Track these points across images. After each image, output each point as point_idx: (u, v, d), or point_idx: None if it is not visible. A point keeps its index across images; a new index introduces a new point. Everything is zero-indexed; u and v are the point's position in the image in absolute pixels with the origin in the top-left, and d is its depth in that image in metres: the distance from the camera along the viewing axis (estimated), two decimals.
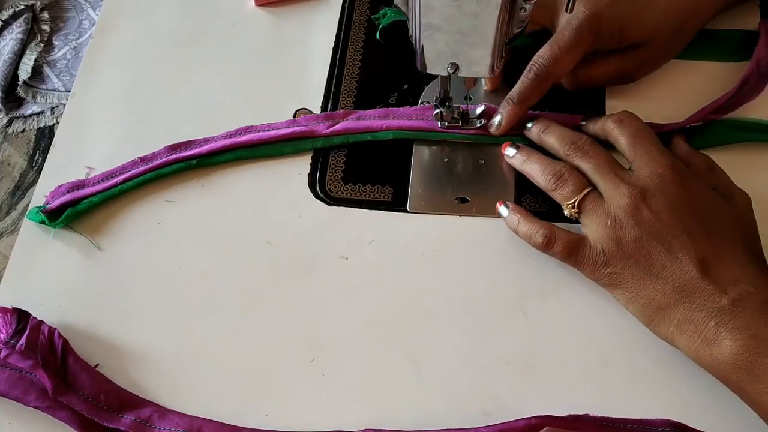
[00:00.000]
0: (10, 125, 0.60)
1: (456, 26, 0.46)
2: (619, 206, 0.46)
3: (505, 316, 0.48)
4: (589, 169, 0.48)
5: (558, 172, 0.48)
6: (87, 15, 0.66)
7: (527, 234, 0.48)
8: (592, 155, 0.48)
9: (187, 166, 0.54)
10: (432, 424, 0.45)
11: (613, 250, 0.46)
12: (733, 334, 0.42)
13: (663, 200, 0.45)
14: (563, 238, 0.47)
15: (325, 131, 0.55)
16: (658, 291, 0.44)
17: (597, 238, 0.46)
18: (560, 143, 0.50)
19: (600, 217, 0.46)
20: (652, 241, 0.45)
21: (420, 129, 0.54)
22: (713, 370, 0.43)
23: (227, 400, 0.46)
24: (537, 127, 0.52)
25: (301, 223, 0.52)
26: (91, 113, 0.58)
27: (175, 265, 0.51)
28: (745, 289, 0.42)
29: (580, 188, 0.47)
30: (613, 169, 0.47)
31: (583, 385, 0.46)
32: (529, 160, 0.51)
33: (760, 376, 0.41)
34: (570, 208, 0.48)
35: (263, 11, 0.63)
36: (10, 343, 0.47)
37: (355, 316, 0.49)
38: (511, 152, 0.52)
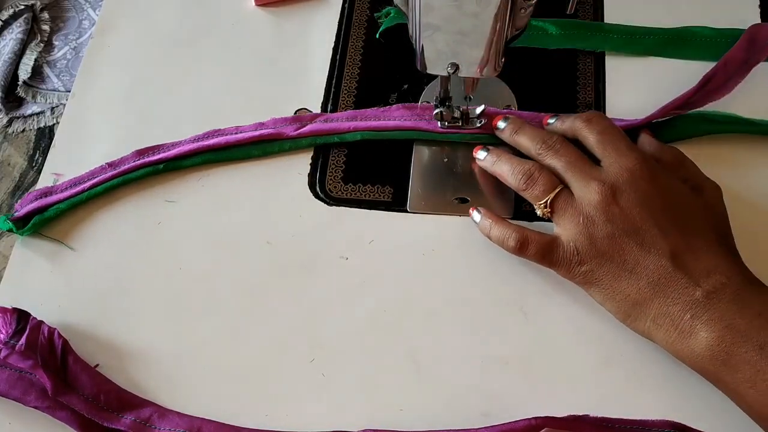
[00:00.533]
0: (10, 125, 0.60)
1: (456, 26, 0.45)
2: (591, 203, 0.46)
3: (505, 316, 0.48)
4: (560, 167, 0.48)
5: (528, 171, 0.48)
6: (87, 15, 0.66)
7: (500, 238, 0.48)
8: (563, 153, 0.48)
9: (155, 170, 0.54)
10: (432, 424, 0.45)
11: (586, 247, 0.46)
12: (709, 326, 0.42)
13: (633, 195, 0.45)
14: (536, 240, 0.47)
15: (293, 133, 0.55)
16: (633, 286, 0.44)
17: (570, 237, 0.46)
18: (532, 143, 0.50)
19: (572, 216, 0.46)
20: (624, 236, 0.45)
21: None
22: (691, 362, 0.43)
23: (227, 400, 0.46)
24: (509, 128, 0.52)
25: (301, 223, 0.52)
26: (91, 113, 0.58)
27: (175, 265, 0.51)
28: (719, 280, 0.43)
29: (551, 187, 0.47)
30: (583, 166, 0.47)
31: (583, 385, 0.46)
32: (499, 161, 0.50)
33: (736, 366, 0.41)
34: (542, 207, 0.47)
35: (263, 11, 0.63)
36: (10, 343, 0.47)
37: (355, 316, 0.49)
38: (482, 155, 0.52)
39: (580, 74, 0.58)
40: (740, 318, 0.41)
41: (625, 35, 0.58)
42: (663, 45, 0.58)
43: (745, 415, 0.43)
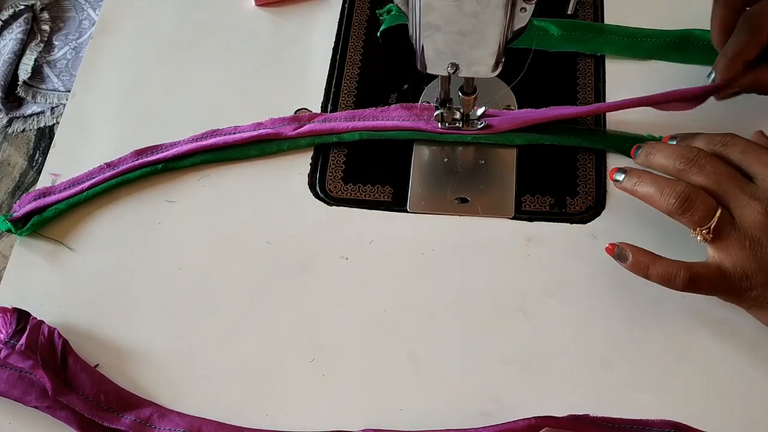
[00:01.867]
0: (10, 125, 0.60)
1: (456, 26, 0.45)
2: (755, 225, 0.43)
3: (505, 316, 0.48)
4: (711, 184, 0.44)
5: (683, 193, 0.44)
6: (87, 15, 0.66)
7: (665, 277, 0.45)
8: (710, 169, 0.45)
9: (153, 170, 0.54)
10: (432, 424, 0.45)
11: (755, 272, 0.43)
12: None
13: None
14: (706, 274, 0.44)
15: (291, 133, 0.55)
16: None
17: (737, 263, 0.43)
18: (670, 159, 0.46)
19: (737, 241, 0.43)
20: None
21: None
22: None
23: (227, 400, 0.46)
24: (643, 152, 0.48)
25: (301, 223, 0.52)
26: (91, 113, 0.58)
27: (175, 265, 0.51)
28: None
29: (712, 211, 0.44)
30: (737, 183, 0.44)
31: (583, 385, 0.46)
32: (642, 182, 0.46)
33: None
34: (704, 233, 0.44)
35: (263, 11, 0.63)
36: (10, 343, 0.47)
37: (355, 316, 0.49)
38: (620, 177, 0.48)
39: (580, 74, 0.58)
40: None
41: (626, 38, 0.58)
42: (664, 48, 0.57)
43: (744, 415, 0.43)
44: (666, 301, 0.48)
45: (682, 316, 0.47)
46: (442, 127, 0.54)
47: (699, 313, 0.47)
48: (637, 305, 0.48)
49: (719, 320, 0.46)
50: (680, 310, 0.47)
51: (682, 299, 0.47)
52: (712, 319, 0.47)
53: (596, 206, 0.52)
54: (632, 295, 0.48)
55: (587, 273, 0.49)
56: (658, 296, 0.48)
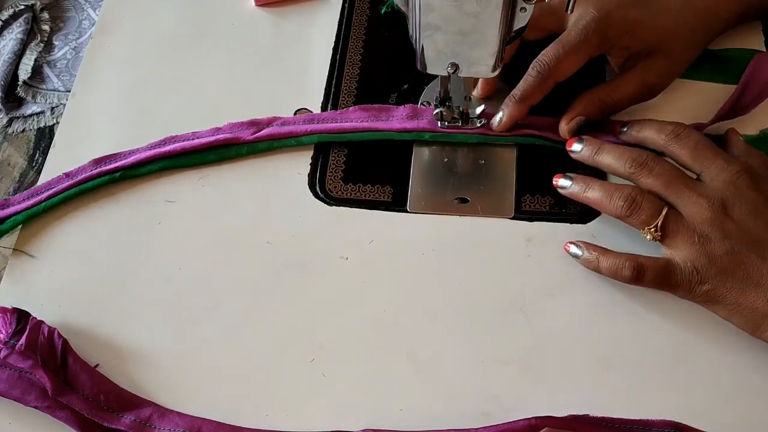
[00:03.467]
0: (10, 125, 0.60)
1: (456, 26, 0.46)
2: (703, 221, 0.45)
3: (505, 316, 0.48)
4: (659, 186, 0.46)
5: (629, 196, 0.46)
6: (87, 15, 0.66)
7: (612, 270, 0.47)
8: (659, 171, 0.47)
9: (111, 179, 0.54)
10: (432, 424, 0.45)
11: (705, 266, 0.44)
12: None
13: (744, 207, 0.45)
14: (652, 266, 0.46)
15: (250, 137, 0.55)
16: (761, 299, 0.43)
17: (687, 258, 0.45)
18: (619, 162, 0.48)
19: (685, 236, 0.45)
20: (743, 250, 0.44)
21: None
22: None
23: (227, 400, 0.46)
24: (588, 149, 0.50)
25: (301, 223, 0.52)
26: (91, 113, 0.58)
27: (175, 265, 0.51)
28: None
29: (658, 210, 0.46)
30: (685, 183, 0.46)
31: (584, 385, 0.46)
32: (591, 189, 0.48)
33: None
34: (652, 232, 0.46)
35: (263, 11, 0.63)
36: (10, 343, 0.47)
37: (355, 316, 0.49)
38: (566, 183, 0.50)
39: (580, 74, 0.58)
40: None
41: None
42: None
43: (744, 415, 0.43)
44: (666, 301, 0.48)
45: (683, 316, 0.47)
46: (442, 126, 0.54)
47: (699, 313, 0.47)
48: (637, 305, 0.48)
49: (719, 320, 0.46)
50: (680, 310, 0.47)
51: (682, 299, 0.47)
52: (712, 319, 0.47)
53: None
54: (632, 295, 0.48)
55: (587, 273, 0.49)
56: (658, 296, 0.48)
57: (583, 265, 0.49)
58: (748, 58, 0.56)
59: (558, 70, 0.50)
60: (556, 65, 0.50)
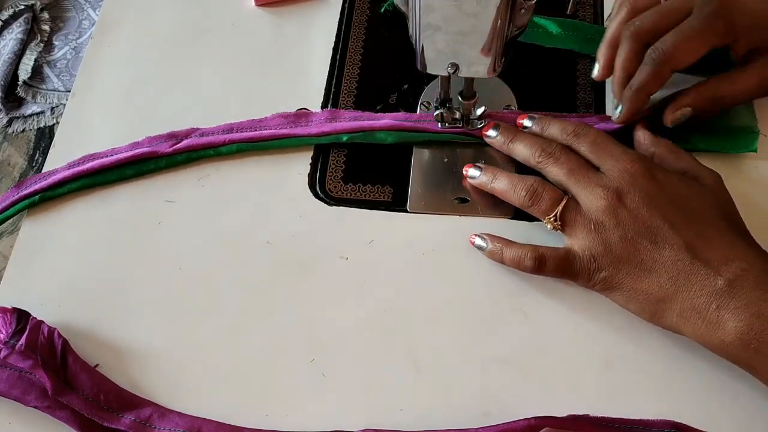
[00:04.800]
0: (10, 125, 0.60)
1: (456, 26, 0.46)
2: (598, 209, 0.46)
3: (505, 316, 0.48)
4: (562, 175, 0.48)
5: (531, 187, 0.48)
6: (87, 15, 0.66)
7: (514, 260, 0.48)
8: (564, 161, 0.48)
9: (31, 203, 0.54)
10: (432, 424, 0.45)
11: (602, 253, 0.46)
12: (736, 315, 0.42)
13: (637, 195, 0.46)
14: (552, 255, 0.47)
15: (168, 150, 0.55)
16: (654, 284, 0.44)
17: (584, 246, 0.46)
18: (530, 151, 0.50)
19: (582, 224, 0.46)
20: (637, 237, 0.45)
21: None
22: (722, 352, 0.43)
23: (227, 400, 0.46)
24: (502, 137, 0.52)
25: (301, 223, 0.52)
26: (91, 113, 0.58)
27: (175, 265, 0.51)
28: (739, 266, 0.43)
29: (557, 200, 0.47)
30: (585, 173, 0.47)
31: (583, 385, 0.46)
32: (496, 179, 0.50)
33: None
34: (552, 221, 0.47)
35: (263, 11, 0.63)
36: (10, 343, 0.47)
37: (355, 316, 0.49)
38: (475, 173, 0.52)
39: (580, 74, 0.58)
40: (766, 303, 0.41)
41: None
42: None
43: (745, 415, 0.43)
44: None
45: None
46: (442, 127, 0.54)
47: None
48: None
49: None
50: None
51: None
52: None
53: None
54: None
55: None
56: None
57: (488, 257, 0.50)
58: None
59: (676, 57, 0.48)
60: (674, 52, 0.48)
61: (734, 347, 0.42)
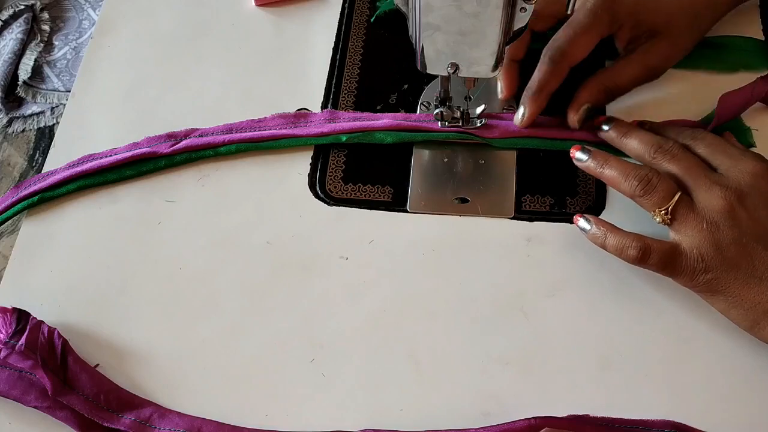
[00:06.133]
0: (10, 125, 0.60)
1: (456, 26, 0.46)
2: (715, 209, 0.44)
3: (505, 316, 0.48)
4: (678, 172, 0.46)
5: (645, 177, 0.46)
6: (87, 15, 0.66)
7: (618, 248, 0.46)
8: (681, 158, 0.47)
9: (30, 204, 0.54)
10: (432, 424, 0.45)
11: (711, 255, 0.44)
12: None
13: (758, 198, 0.44)
14: (658, 248, 0.45)
15: (167, 151, 0.54)
16: (764, 294, 0.43)
17: (693, 244, 0.44)
18: (645, 147, 0.48)
19: (695, 222, 0.45)
20: (752, 242, 0.44)
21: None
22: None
23: (227, 400, 0.46)
24: (615, 131, 0.50)
25: (301, 223, 0.52)
26: (91, 113, 0.58)
27: (175, 265, 0.51)
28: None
29: (671, 193, 0.45)
30: (704, 171, 0.46)
31: (583, 385, 0.46)
32: (607, 165, 0.48)
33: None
34: (663, 214, 0.45)
35: (263, 11, 0.63)
36: (10, 344, 0.47)
37: (355, 316, 0.49)
38: (583, 156, 0.49)
39: (580, 75, 0.58)
40: None
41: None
42: None
43: (744, 415, 0.43)
44: (666, 301, 0.48)
45: (683, 315, 0.47)
46: (442, 126, 0.54)
47: (699, 312, 0.47)
48: (637, 305, 0.48)
49: (720, 320, 0.46)
50: (680, 310, 0.47)
51: (682, 298, 0.47)
52: (712, 319, 0.47)
53: (596, 206, 0.52)
54: (632, 294, 0.48)
55: (587, 273, 0.49)
56: (658, 296, 0.48)
57: (589, 240, 0.48)
58: (745, 46, 0.57)
59: (570, 53, 0.50)
60: (568, 48, 0.49)
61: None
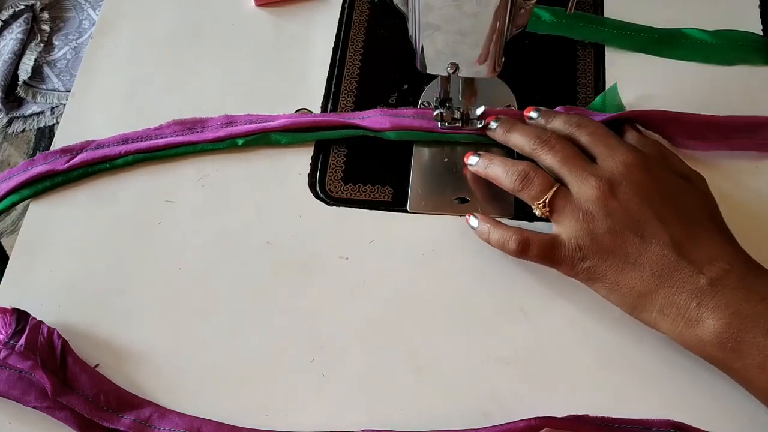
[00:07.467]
0: (10, 125, 0.60)
1: (456, 26, 0.46)
2: (589, 199, 0.46)
3: (505, 316, 0.48)
4: (555, 163, 0.48)
5: (522, 171, 0.48)
6: (87, 15, 0.66)
7: (500, 241, 0.48)
8: (558, 149, 0.48)
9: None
10: (432, 425, 0.45)
11: (588, 243, 0.46)
12: (715, 313, 0.42)
13: (630, 188, 0.46)
14: (537, 240, 0.47)
15: (62, 167, 0.54)
16: (637, 278, 0.44)
17: (571, 234, 0.46)
18: (526, 139, 0.50)
19: (571, 213, 0.46)
20: (625, 230, 0.45)
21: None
22: (699, 350, 0.43)
23: (227, 400, 0.46)
24: (501, 128, 0.52)
25: (301, 223, 0.52)
26: (91, 113, 0.58)
27: (175, 265, 0.51)
28: (722, 266, 0.43)
29: (548, 186, 0.47)
30: (579, 162, 0.47)
31: (583, 385, 0.46)
32: (492, 164, 0.50)
33: (745, 352, 0.41)
34: (540, 207, 0.47)
35: (263, 11, 0.63)
36: (10, 344, 0.47)
37: (355, 316, 0.49)
38: (473, 160, 0.52)
39: (580, 74, 0.58)
40: (746, 303, 0.42)
41: (617, 30, 0.59)
42: (655, 43, 0.58)
43: (744, 415, 0.43)
44: None
45: None
46: (442, 127, 0.54)
47: None
48: None
49: None
50: None
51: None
52: None
53: None
54: None
55: None
56: None
57: (478, 236, 0.50)
58: (744, 41, 0.57)
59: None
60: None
61: (712, 345, 0.42)
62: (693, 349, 0.44)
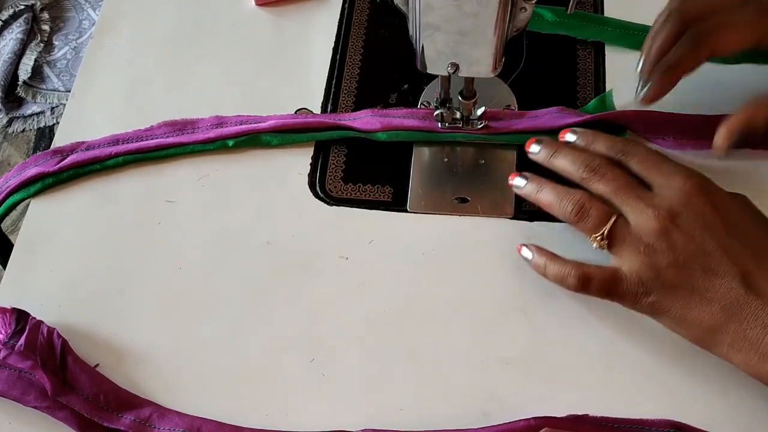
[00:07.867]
0: (10, 125, 0.61)
1: (456, 26, 0.46)
2: (649, 232, 0.44)
3: (505, 316, 0.48)
4: (609, 193, 0.45)
5: (578, 202, 0.45)
6: (87, 15, 0.66)
7: (558, 276, 0.46)
8: (611, 177, 0.46)
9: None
10: (432, 424, 0.45)
11: (651, 278, 0.43)
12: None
13: (692, 218, 0.43)
14: (598, 275, 0.45)
15: (53, 169, 0.54)
16: (705, 312, 0.43)
17: (632, 268, 0.44)
18: (574, 167, 0.47)
19: (631, 246, 0.44)
20: (689, 263, 0.43)
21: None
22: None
23: (227, 400, 0.46)
24: (545, 152, 0.49)
25: (301, 223, 0.52)
26: (91, 113, 0.58)
27: (175, 265, 0.51)
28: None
29: (605, 218, 0.45)
30: (635, 191, 0.45)
31: (583, 385, 0.46)
32: (543, 190, 0.47)
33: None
34: (599, 240, 0.45)
35: (263, 11, 0.63)
36: (10, 344, 0.47)
37: (355, 315, 0.49)
38: (521, 183, 0.49)
39: (580, 74, 0.58)
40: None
41: (618, 29, 0.59)
42: None
43: (744, 415, 0.43)
44: None
45: None
46: (442, 127, 0.54)
47: None
48: None
49: None
50: None
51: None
52: None
53: None
54: None
55: None
56: None
57: (533, 269, 0.48)
58: None
59: (716, 42, 0.47)
60: (716, 37, 0.46)
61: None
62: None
